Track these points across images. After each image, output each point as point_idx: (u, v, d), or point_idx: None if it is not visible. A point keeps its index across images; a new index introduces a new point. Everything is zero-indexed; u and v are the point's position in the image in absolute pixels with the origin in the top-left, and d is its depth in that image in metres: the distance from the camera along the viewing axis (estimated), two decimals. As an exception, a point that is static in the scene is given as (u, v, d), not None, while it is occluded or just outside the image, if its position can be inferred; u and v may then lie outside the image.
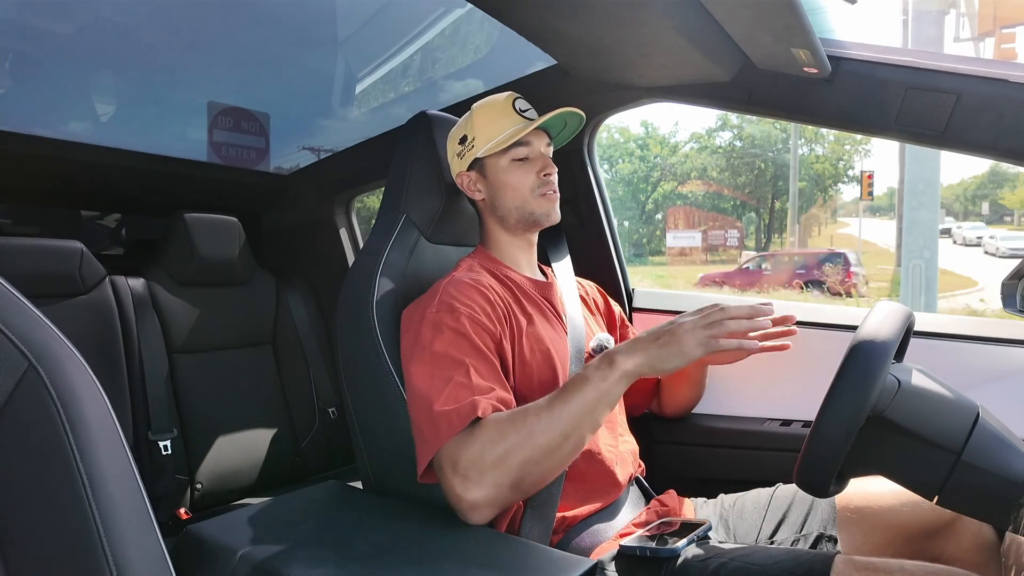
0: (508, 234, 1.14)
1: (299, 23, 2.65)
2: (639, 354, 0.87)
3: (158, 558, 0.53)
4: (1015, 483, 0.71)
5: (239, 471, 1.85)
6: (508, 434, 0.83)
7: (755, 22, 1.05)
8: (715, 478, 1.33)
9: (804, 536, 1.03)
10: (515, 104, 1.10)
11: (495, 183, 1.11)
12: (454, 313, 0.95)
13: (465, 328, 0.94)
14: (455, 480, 0.83)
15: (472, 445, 0.83)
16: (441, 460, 0.85)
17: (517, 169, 1.10)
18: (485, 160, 1.11)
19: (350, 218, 2.30)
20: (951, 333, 1.30)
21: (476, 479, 0.82)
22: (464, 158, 1.12)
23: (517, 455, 0.82)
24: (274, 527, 0.86)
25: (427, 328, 0.95)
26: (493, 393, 0.89)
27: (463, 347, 0.93)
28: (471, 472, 0.82)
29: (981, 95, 1.07)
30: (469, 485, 0.82)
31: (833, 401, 0.75)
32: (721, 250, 22.81)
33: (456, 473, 0.83)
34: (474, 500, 0.82)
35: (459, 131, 1.14)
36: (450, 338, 0.93)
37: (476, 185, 1.13)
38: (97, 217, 2.38)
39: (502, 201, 1.11)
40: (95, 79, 2.30)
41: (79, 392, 0.53)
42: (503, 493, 0.83)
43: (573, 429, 0.85)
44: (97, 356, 1.66)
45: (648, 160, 27.28)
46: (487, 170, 1.11)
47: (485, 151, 1.09)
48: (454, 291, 0.99)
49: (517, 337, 1.01)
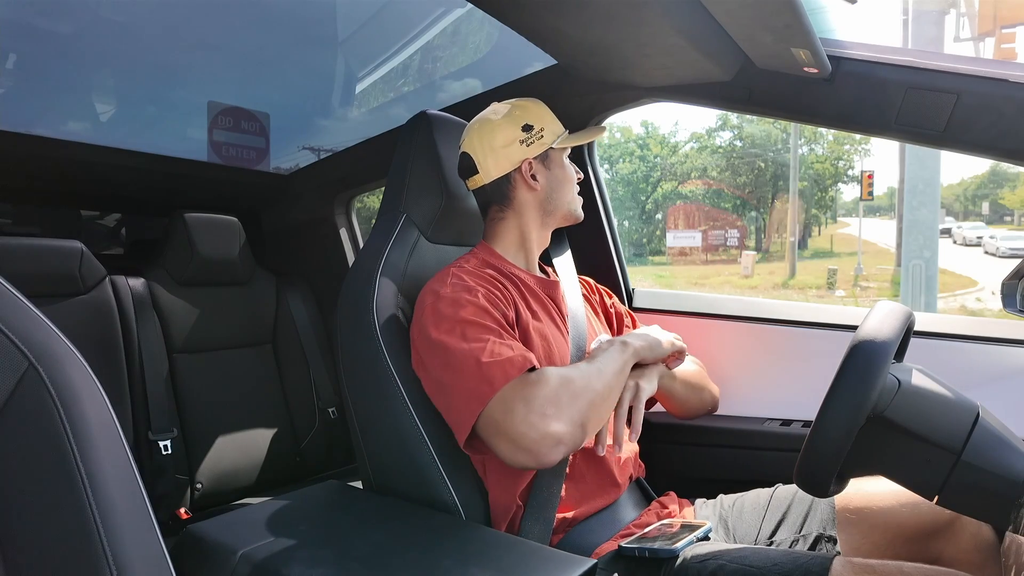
0: (540, 229, 1.15)
1: (299, 23, 2.65)
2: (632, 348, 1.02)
3: (158, 558, 0.53)
4: (1015, 483, 0.71)
5: (239, 471, 1.85)
6: (575, 379, 0.90)
7: (755, 22, 1.05)
8: (715, 478, 1.33)
9: (803, 536, 1.03)
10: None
11: (558, 176, 1.13)
12: (471, 291, 0.97)
13: (484, 304, 0.96)
14: (532, 417, 0.84)
15: (543, 386, 0.86)
16: (506, 403, 0.85)
17: (569, 168, 1.16)
18: (552, 152, 1.13)
19: (350, 218, 2.30)
20: (951, 333, 1.30)
21: (555, 414, 0.84)
22: (532, 146, 1.10)
23: (586, 396, 0.89)
24: (274, 527, 0.86)
25: (446, 303, 0.95)
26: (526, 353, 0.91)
27: (487, 318, 0.94)
28: (548, 408, 0.84)
29: (981, 95, 1.06)
30: (549, 420, 0.84)
31: (833, 401, 0.75)
32: (721, 250, 22.81)
33: (532, 411, 0.84)
34: (558, 434, 0.84)
35: (514, 119, 1.10)
36: (473, 311, 0.94)
37: (536, 175, 1.11)
38: (97, 217, 2.38)
39: (560, 194, 1.13)
40: (95, 79, 2.30)
41: (79, 392, 0.53)
42: (577, 431, 0.87)
43: (616, 383, 0.97)
44: (97, 356, 1.66)
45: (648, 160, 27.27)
46: (551, 163, 1.13)
47: (559, 142, 1.12)
48: (464, 275, 1.01)
49: (524, 329, 1.02)
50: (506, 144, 1.09)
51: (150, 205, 2.28)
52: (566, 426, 0.85)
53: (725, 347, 1.50)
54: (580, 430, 0.87)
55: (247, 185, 2.37)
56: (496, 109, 1.13)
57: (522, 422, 0.83)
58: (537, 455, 0.84)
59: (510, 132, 1.10)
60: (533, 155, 1.10)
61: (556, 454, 0.85)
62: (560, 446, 0.84)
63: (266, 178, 2.48)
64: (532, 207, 1.13)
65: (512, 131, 1.10)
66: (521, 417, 0.84)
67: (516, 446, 0.85)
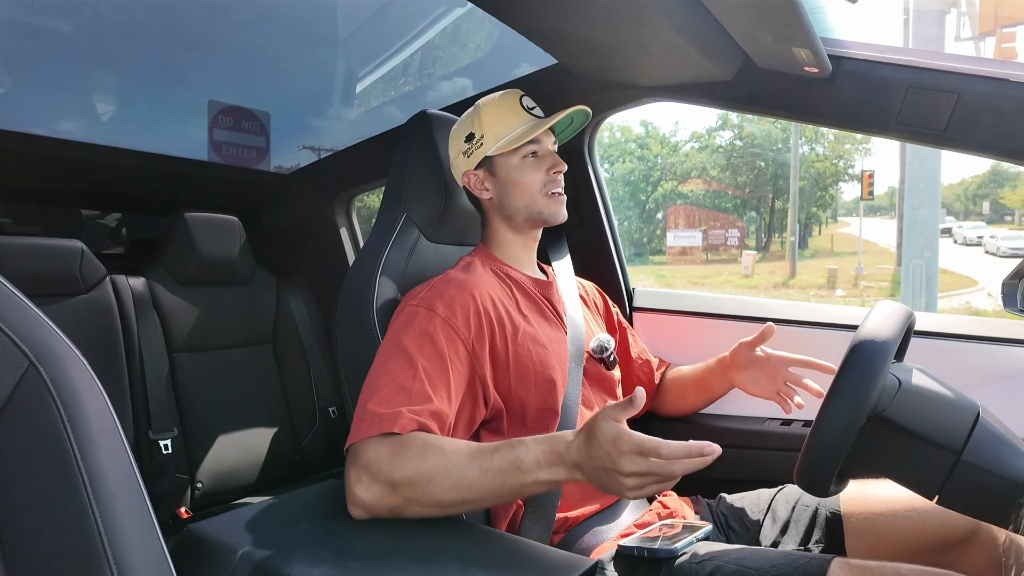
0: (513, 233, 1.13)
1: (300, 22, 2.65)
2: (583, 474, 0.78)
3: (158, 557, 0.53)
4: (1015, 483, 0.71)
5: (239, 470, 1.85)
6: (409, 465, 0.80)
7: (756, 21, 1.05)
8: (715, 478, 1.32)
9: (804, 538, 1.03)
10: (522, 101, 1.10)
11: (505, 181, 1.10)
12: (430, 312, 0.95)
13: (435, 330, 0.93)
14: (352, 471, 0.83)
15: (379, 450, 0.82)
16: (352, 454, 0.85)
17: (527, 167, 1.09)
18: (495, 158, 1.10)
19: (350, 217, 2.31)
20: (952, 333, 1.30)
21: (367, 483, 0.81)
22: (472, 156, 1.10)
23: (407, 491, 0.80)
24: (274, 526, 0.86)
25: (402, 320, 0.96)
26: (426, 406, 0.86)
27: (425, 348, 0.91)
28: (365, 473, 0.82)
29: (982, 94, 1.06)
30: (362, 487, 0.82)
31: (833, 400, 0.74)
32: (722, 249, 22.80)
33: (355, 466, 0.83)
34: (359, 499, 0.82)
35: (463, 129, 1.12)
36: (415, 335, 0.93)
37: (484, 184, 1.11)
38: (98, 216, 2.38)
39: (511, 200, 1.10)
40: (96, 78, 2.30)
41: (80, 391, 0.53)
42: (382, 507, 0.82)
43: (476, 499, 0.81)
44: (97, 355, 1.66)
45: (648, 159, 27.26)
46: (497, 168, 1.10)
47: (496, 149, 1.08)
48: (441, 289, 0.99)
49: (511, 337, 1.01)
50: (455, 156, 1.14)
51: (150, 204, 2.28)
52: (371, 497, 0.81)
53: (725, 347, 1.49)
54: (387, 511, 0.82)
55: (247, 184, 2.37)
56: (465, 113, 1.14)
57: (347, 471, 0.84)
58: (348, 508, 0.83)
59: (456, 144, 1.13)
60: (472, 167, 1.11)
61: (354, 512, 0.83)
62: (356, 507, 0.82)
63: (266, 178, 2.48)
64: (495, 213, 1.14)
65: (457, 143, 1.13)
66: (348, 467, 0.84)
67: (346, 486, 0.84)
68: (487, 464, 0.80)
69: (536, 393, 1.00)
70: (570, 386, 1.04)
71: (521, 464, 0.79)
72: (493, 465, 0.80)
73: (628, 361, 1.30)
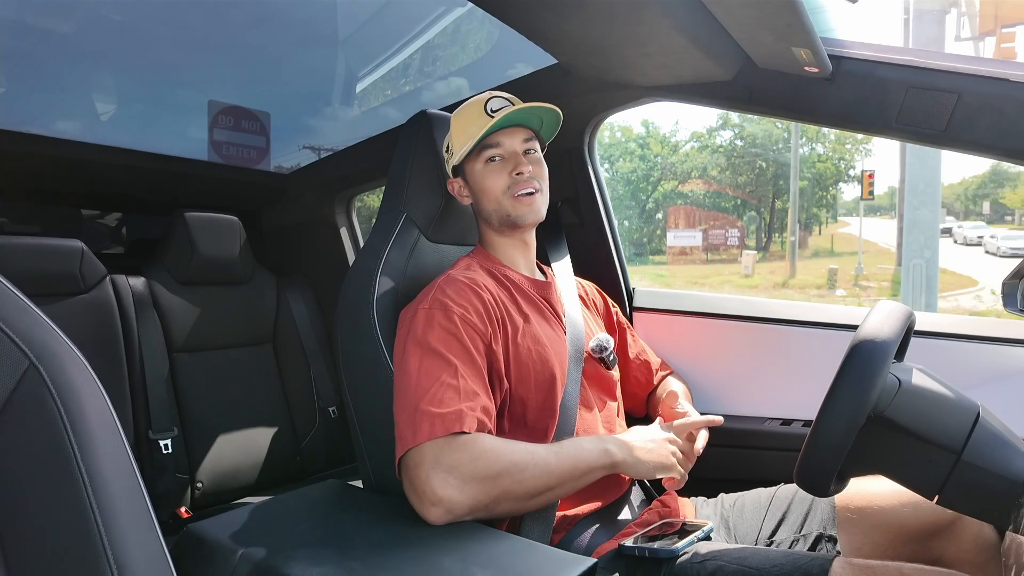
0: (498, 235, 1.14)
1: (300, 21, 2.65)
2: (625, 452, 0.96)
3: (158, 557, 0.53)
4: (1015, 483, 0.71)
5: (239, 470, 1.85)
6: (504, 459, 0.85)
7: (756, 21, 1.04)
8: (715, 478, 1.32)
9: (804, 536, 1.03)
10: (487, 105, 1.08)
11: (475, 188, 1.11)
12: (447, 311, 0.95)
13: (457, 328, 0.94)
14: (435, 475, 0.81)
15: (462, 451, 0.82)
16: (420, 456, 0.83)
17: (490, 171, 1.09)
18: (464, 166, 1.11)
19: (350, 217, 2.31)
20: (952, 333, 1.30)
21: (458, 485, 0.81)
22: (449, 166, 1.14)
23: (505, 481, 0.84)
24: (274, 526, 0.86)
25: (420, 323, 0.95)
26: (478, 401, 0.88)
27: (453, 347, 0.92)
28: (453, 476, 0.81)
29: (982, 94, 1.06)
30: (449, 487, 0.81)
31: (833, 400, 0.75)
32: (722, 249, 22.79)
33: (437, 470, 0.82)
34: (449, 501, 0.81)
35: (446, 139, 1.16)
36: (441, 335, 0.93)
37: (463, 191, 1.14)
38: (98, 216, 2.38)
39: (482, 205, 1.12)
40: (96, 78, 2.30)
41: (80, 391, 0.53)
42: (478, 507, 0.83)
43: (557, 485, 0.89)
44: (98, 355, 1.66)
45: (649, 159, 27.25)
46: (467, 175, 1.12)
47: (459, 157, 1.10)
48: (448, 290, 0.99)
49: (512, 337, 1.01)
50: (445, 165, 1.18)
51: (150, 204, 2.28)
52: (465, 499, 0.81)
53: (725, 347, 1.50)
54: (484, 510, 0.83)
55: (248, 184, 2.37)
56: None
57: (421, 477, 0.82)
58: (424, 511, 0.82)
59: (443, 153, 1.18)
60: (452, 176, 1.15)
61: (436, 516, 0.81)
62: (447, 514, 0.81)
63: (266, 177, 2.48)
64: (479, 218, 1.16)
65: (443, 153, 1.18)
66: (423, 472, 0.82)
67: (413, 493, 0.84)
68: (554, 448, 0.90)
69: (536, 392, 1.00)
70: (569, 386, 1.04)
71: (582, 444, 0.93)
72: (563, 449, 0.91)
73: (627, 361, 1.30)
